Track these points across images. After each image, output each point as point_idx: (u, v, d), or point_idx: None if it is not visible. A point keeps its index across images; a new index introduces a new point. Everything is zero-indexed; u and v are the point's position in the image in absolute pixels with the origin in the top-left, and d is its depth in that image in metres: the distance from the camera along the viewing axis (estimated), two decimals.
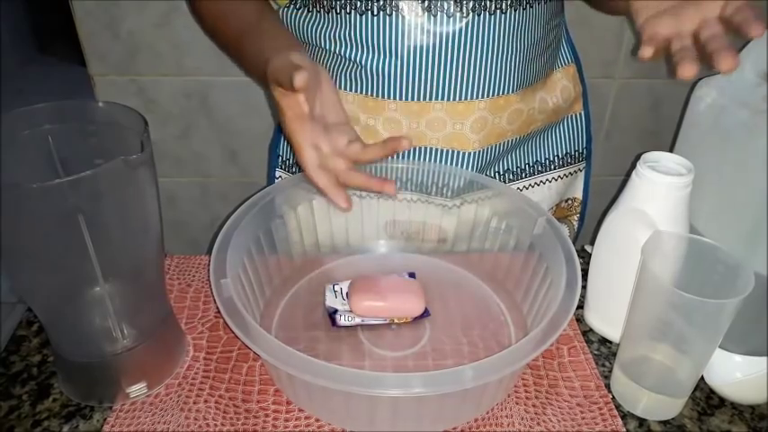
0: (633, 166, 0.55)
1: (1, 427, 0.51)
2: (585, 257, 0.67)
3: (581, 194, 0.84)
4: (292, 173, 0.79)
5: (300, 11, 0.69)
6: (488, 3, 0.63)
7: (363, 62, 0.66)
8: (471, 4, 0.62)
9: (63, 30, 1.60)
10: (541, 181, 0.78)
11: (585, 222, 0.87)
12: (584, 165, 0.82)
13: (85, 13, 1.03)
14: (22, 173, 0.47)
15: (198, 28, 1.02)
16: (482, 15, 0.63)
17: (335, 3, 0.65)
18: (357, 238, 0.71)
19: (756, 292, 0.46)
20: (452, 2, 0.62)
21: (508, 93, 0.68)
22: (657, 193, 0.53)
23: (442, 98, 0.66)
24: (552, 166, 0.78)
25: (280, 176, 0.81)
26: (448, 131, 0.68)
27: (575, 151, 0.80)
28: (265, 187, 0.64)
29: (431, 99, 0.67)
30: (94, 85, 1.11)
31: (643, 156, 0.55)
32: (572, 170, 0.81)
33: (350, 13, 0.64)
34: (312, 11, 0.68)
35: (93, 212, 0.45)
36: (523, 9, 0.65)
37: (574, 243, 0.86)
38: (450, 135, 0.68)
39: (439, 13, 0.63)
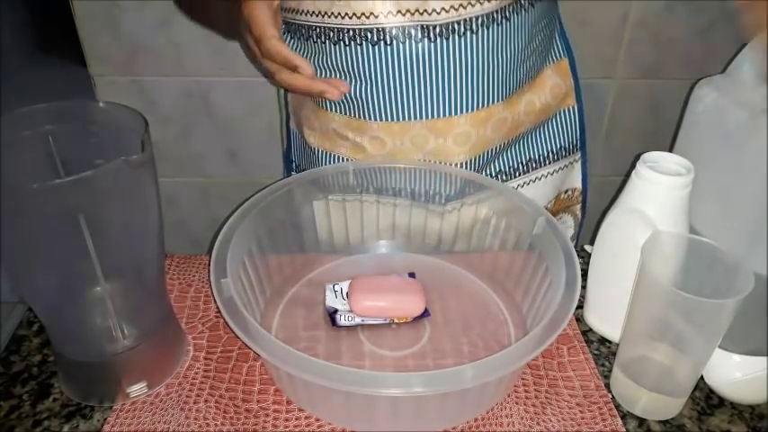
0: (633, 166, 0.55)
1: (1, 426, 0.51)
2: (585, 257, 0.67)
3: (580, 184, 0.83)
4: None
5: (284, 36, 0.69)
6: (456, 26, 0.62)
7: None
8: (438, 29, 0.62)
9: (64, 30, 1.60)
10: (537, 177, 0.77)
11: (585, 221, 0.87)
12: (580, 155, 0.81)
13: (86, 13, 1.04)
14: (22, 173, 0.47)
15: (198, 28, 1.02)
16: (450, 38, 0.63)
17: (312, 32, 0.65)
18: (357, 238, 0.71)
19: (756, 292, 0.46)
20: (419, 28, 0.62)
21: (488, 105, 0.67)
22: (657, 193, 0.53)
23: (421, 117, 0.67)
24: (547, 162, 0.78)
25: None
26: (431, 147, 0.68)
27: (569, 144, 0.79)
28: (266, 187, 0.64)
29: (410, 119, 0.67)
30: (95, 86, 1.12)
31: (643, 156, 0.55)
32: (567, 162, 0.80)
33: (324, 43, 0.65)
34: (293, 38, 0.69)
35: (93, 213, 0.45)
36: (498, 25, 0.64)
37: (579, 231, 0.86)
38: (434, 150, 0.69)
39: (407, 39, 0.62)
